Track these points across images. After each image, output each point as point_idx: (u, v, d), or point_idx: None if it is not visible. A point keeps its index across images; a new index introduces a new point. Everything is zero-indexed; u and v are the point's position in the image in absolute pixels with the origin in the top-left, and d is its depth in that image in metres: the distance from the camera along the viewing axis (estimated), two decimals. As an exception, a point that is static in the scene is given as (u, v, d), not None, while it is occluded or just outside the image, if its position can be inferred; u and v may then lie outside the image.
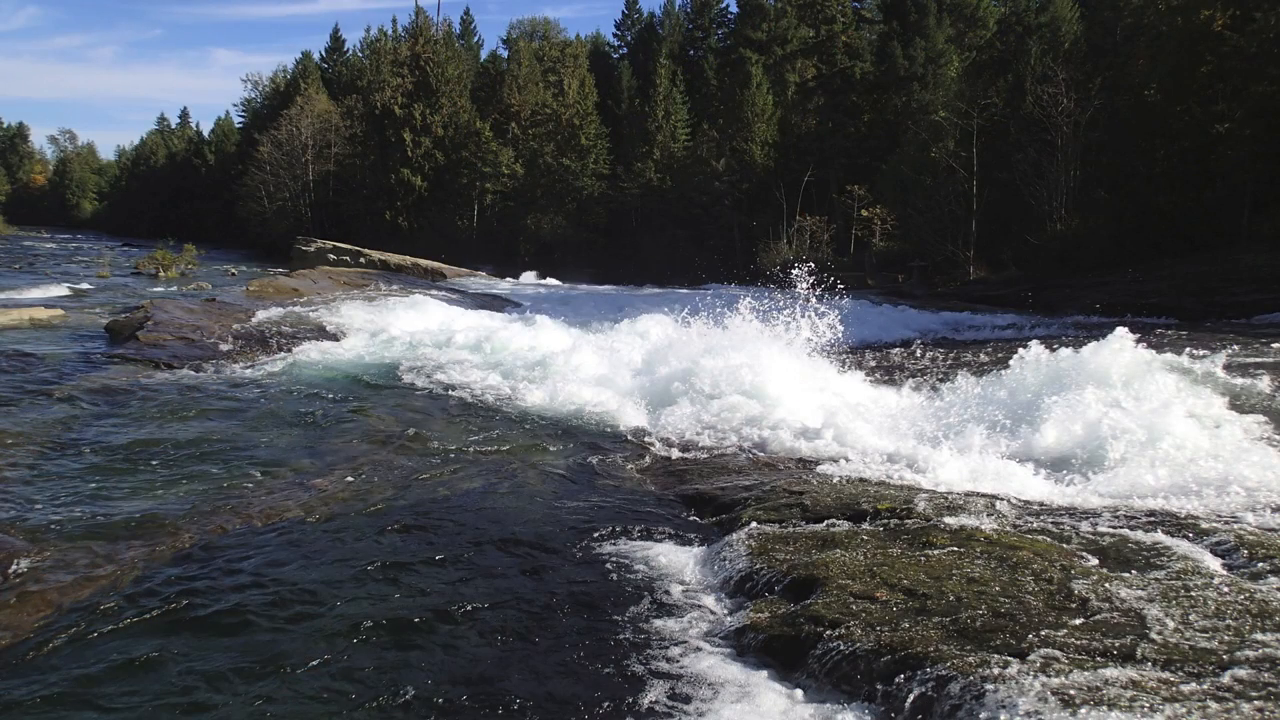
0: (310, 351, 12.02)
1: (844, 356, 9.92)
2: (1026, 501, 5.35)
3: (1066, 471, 5.98)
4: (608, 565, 4.80)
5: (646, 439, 7.73)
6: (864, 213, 34.63)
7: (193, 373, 10.49)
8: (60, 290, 21.52)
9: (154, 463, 6.66)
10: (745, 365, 8.60)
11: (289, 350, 12.06)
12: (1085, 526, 4.70)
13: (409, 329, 13.82)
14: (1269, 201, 21.39)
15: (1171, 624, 3.40)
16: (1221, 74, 22.46)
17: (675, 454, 7.27)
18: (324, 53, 66.49)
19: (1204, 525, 4.59)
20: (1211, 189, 22.32)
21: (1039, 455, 6.28)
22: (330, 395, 9.49)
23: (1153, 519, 4.80)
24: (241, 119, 75.30)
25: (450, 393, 9.74)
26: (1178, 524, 4.65)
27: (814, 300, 9.88)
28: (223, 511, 5.56)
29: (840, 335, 9.66)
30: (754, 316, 9.94)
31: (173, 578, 4.52)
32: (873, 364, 11.54)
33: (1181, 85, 23.10)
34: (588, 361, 10.24)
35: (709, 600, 4.35)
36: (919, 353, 12.52)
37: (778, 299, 10.10)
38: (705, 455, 7.19)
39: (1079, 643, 3.31)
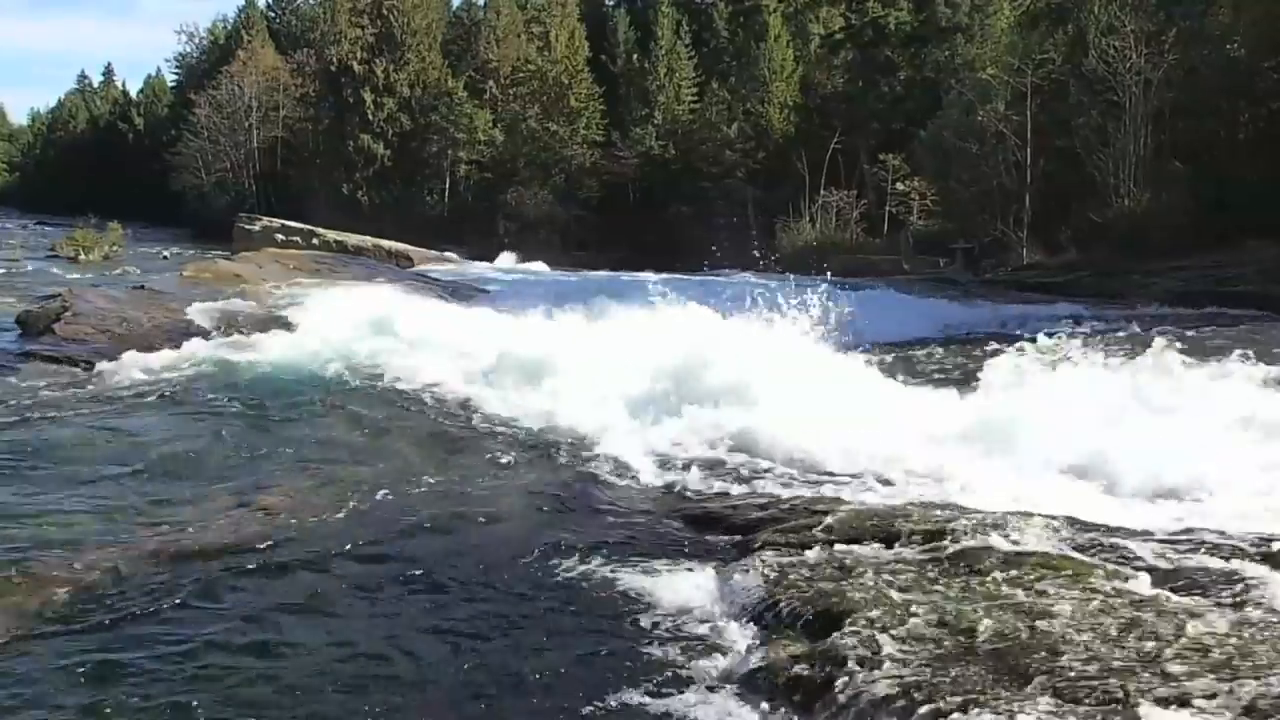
0: (254, 347, 12.02)
1: (873, 355, 9.90)
2: (1092, 523, 5.34)
3: (1142, 490, 5.99)
4: (602, 595, 4.79)
5: (643, 452, 7.72)
6: (899, 186, 34.58)
7: (118, 372, 10.46)
8: (-38, 276, 21.51)
9: (67, 479, 6.61)
10: (756, 366, 8.57)
11: (230, 346, 12.05)
12: (1162, 551, 4.69)
13: (366, 322, 13.83)
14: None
15: (1258, 665, 3.40)
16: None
17: (677, 469, 7.24)
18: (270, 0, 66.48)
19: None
20: (1306, 159, 22.32)
21: (1103, 470, 6.27)
22: (277, 399, 9.47)
23: (1244, 545, 4.79)
24: (175, 77, 75.21)
25: (411, 398, 9.75)
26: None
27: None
28: (148, 539, 5.50)
29: (865, 330, 9.65)
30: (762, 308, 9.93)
31: (83, 622, 4.44)
32: (906, 364, 11.54)
33: (1271, 38, 23.08)
34: (570, 363, 10.23)
35: (719, 636, 4.34)
36: (962, 351, 12.52)
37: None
38: (712, 470, 7.17)
39: (1159, 689, 3.30)
